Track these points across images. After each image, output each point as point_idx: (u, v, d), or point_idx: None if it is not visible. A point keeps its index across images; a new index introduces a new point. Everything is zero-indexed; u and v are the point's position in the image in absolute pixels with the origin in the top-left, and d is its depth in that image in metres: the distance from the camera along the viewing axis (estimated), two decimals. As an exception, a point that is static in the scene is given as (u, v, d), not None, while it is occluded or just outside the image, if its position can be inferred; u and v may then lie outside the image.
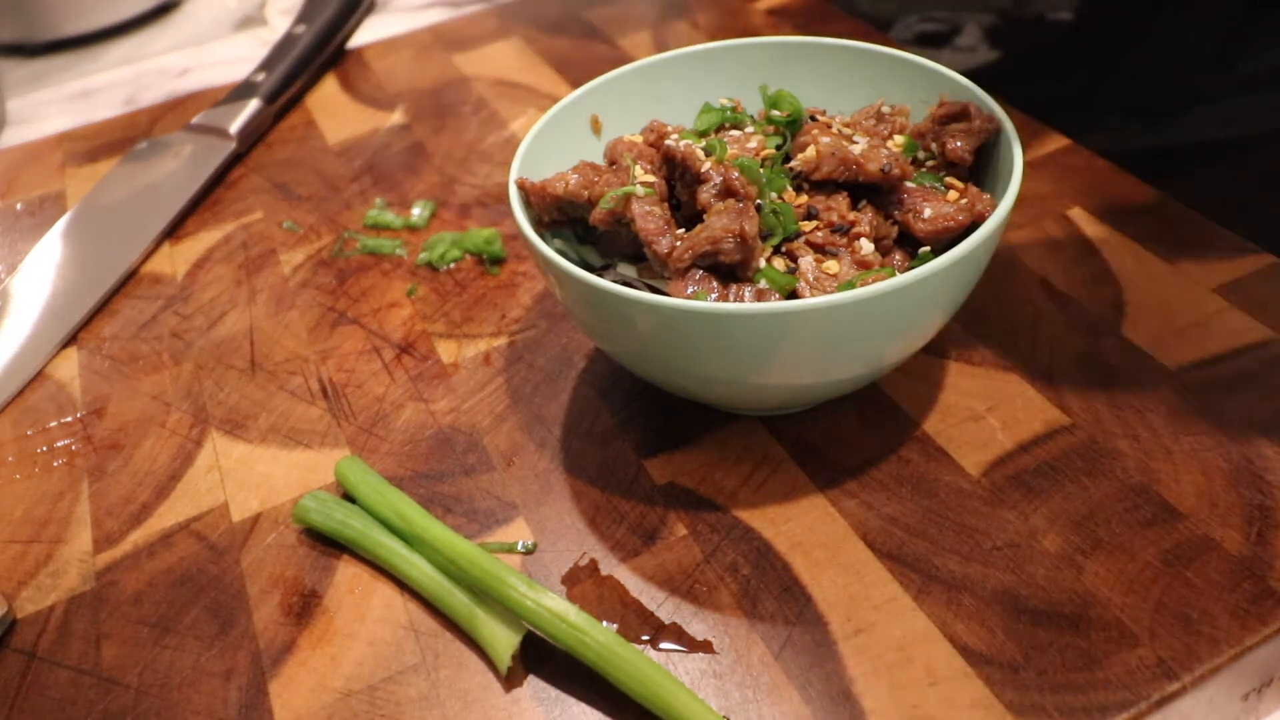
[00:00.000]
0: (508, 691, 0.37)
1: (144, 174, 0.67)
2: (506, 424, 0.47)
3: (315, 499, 0.43)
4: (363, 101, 0.75)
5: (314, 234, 0.61)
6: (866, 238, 0.41)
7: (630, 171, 0.44)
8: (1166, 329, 0.47)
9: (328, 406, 0.49)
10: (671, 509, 0.42)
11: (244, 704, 0.37)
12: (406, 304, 0.55)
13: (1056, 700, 0.34)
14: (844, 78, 0.50)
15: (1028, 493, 0.41)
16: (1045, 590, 0.38)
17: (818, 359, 0.38)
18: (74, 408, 0.51)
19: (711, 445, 0.45)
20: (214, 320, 0.56)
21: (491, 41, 0.80)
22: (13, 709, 0.38)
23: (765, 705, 0.35)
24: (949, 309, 0.40)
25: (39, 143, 0.75)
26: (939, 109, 0.45)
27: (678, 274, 0.40)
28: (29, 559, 0.44)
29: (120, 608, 0.42)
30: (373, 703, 0.37)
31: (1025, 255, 0.53)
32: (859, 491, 0.42)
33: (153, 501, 0.46)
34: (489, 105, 0.72)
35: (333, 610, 0.40)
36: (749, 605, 0.38)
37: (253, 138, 0.70)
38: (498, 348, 0.52)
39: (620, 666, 0.35)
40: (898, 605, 0.38)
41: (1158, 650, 0.35)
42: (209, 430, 0.49)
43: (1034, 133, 0.61)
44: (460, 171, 0.65)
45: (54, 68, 0.90)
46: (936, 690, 0.35)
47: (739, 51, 0.51)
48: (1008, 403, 0.45)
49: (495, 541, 0.42)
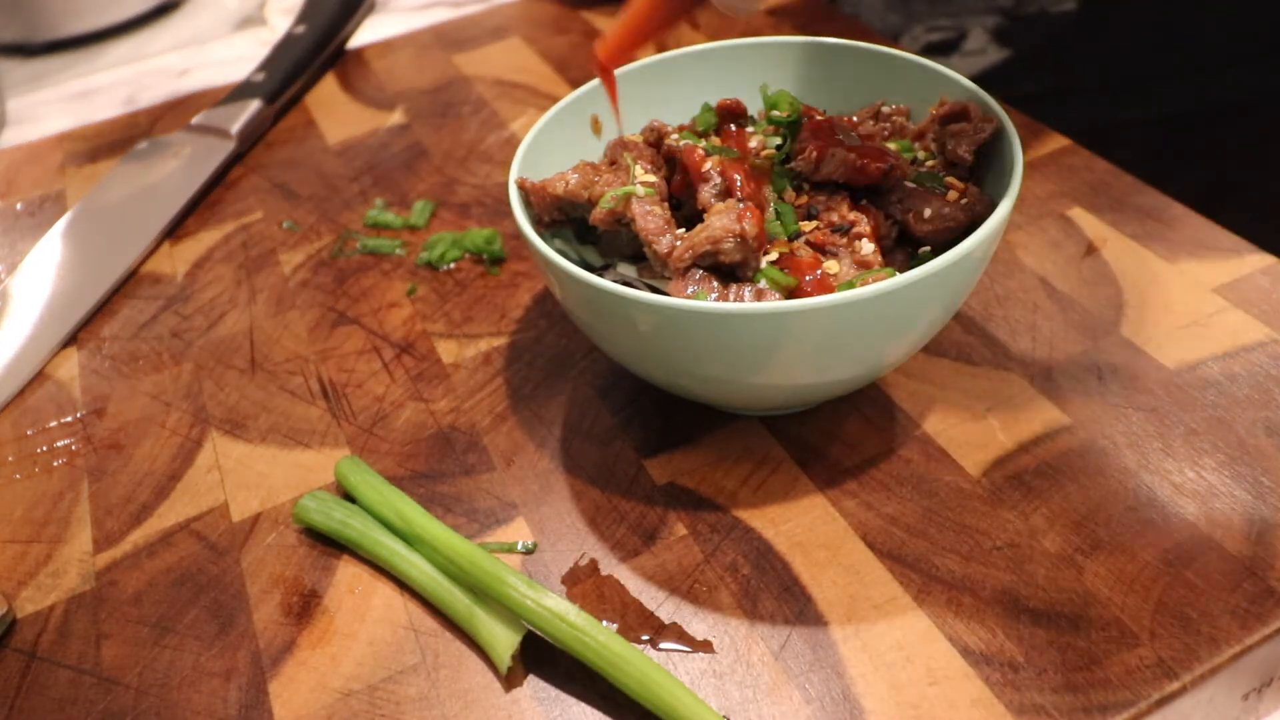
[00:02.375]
0: (508, 691, 0.37)
1: (144, 174, 0.67)
2: (506, 424, 0.47)
3: (315, 499, 0.43)
4: (363, 101, 0.75)
5: (314, 234, 0.61)
6: (866, 238, 0.41)
7: (630, 171, 0.44)
8: (1166, 329, 0.47)
9: (328, 406, 0.49)
10: (671, 509, 0.42)
11: (244, 704, 0.37)
12: (406, 304, 0.55)
13: (1056, 700, 0.34)
14: (844, 78, 0.50)
15: (1028, 493, 0.41)
16: (1045, 590, 0.38)
17: (818, 359, 0.38)
18: (74, 408, 0.51)
19: (711, 445, 0.45)
20: (214, 320, 0.56)
21: (491, 41, 0.80)
22: (13, 709, 0.38)
23: (765, 705, 0.35)
24: (949, 309, 0.40)
25: (39, 143, 0.75)
26: (939, 109, 0.45)
27: (678, 274, 0.40)
28: (29, 559, 0.44)
29: (120, 608, 0.42)
30: (372, 703, 0.37)
31: (1025, 255, 0.53)
32: (859, 491, 0.42)
33: (153, 501, 0.46)
34: (489, 105, 0.72)
35: (333, 610, 0.40)
36: (749, 605, 0.38)
37: (253, 138, 0.70)
38: (498, 348, 0.52)
39: (620, 666, 0.35)
40: (898, 605, 0.38)
41: (1158, 650, 0.35)
42: (209, 430, 0.49)
43: (1034, 133, 0.61)
44: (460, 171, 0.65)
45: (54, 68, 0.90)
46: (936, 690, 0.35)
47: (739, 51, 0.51)
48: (1008, 403, 0.45)
49: (495, 541, 0.42)
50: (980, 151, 0.44)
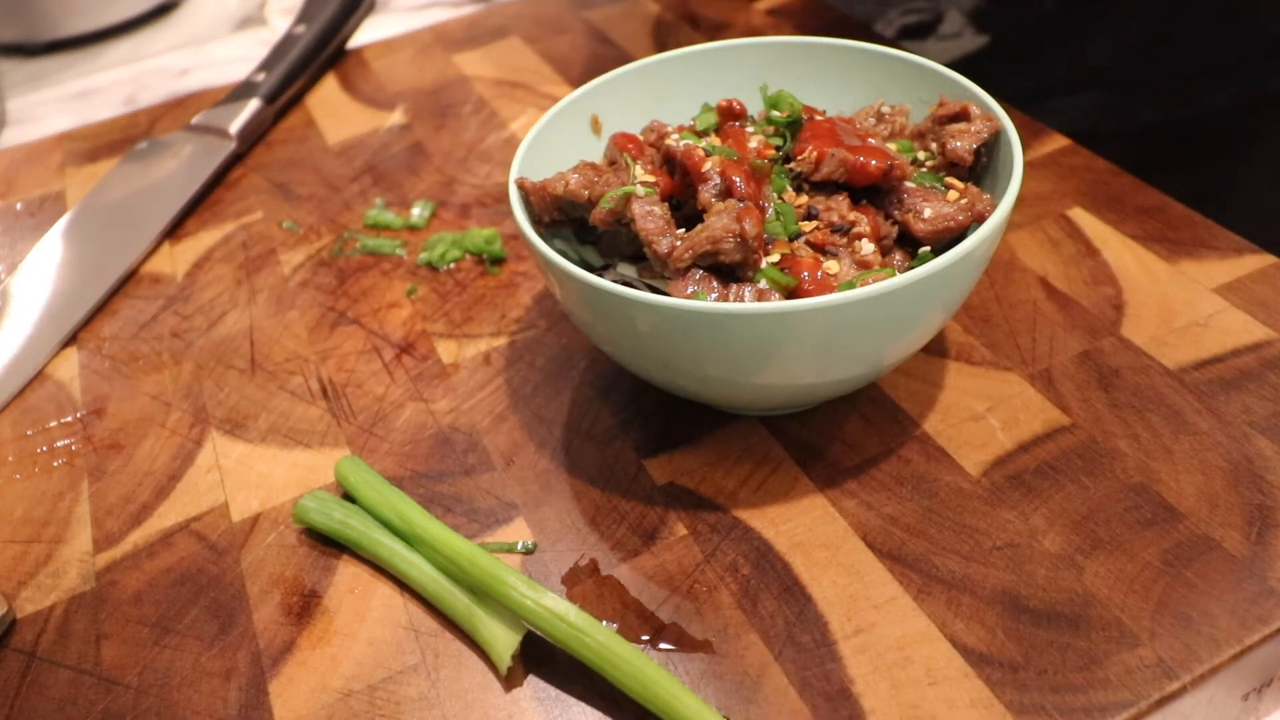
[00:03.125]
0: (508, 691, 0.37)
1: (144, 174, 0.67)
2: (506, 424, 0.47)
3: (315, 499, 0.43)
4: (363, 101, 0.75)
5: (314, 234, 0.61)
6: (867, 238, 0.41)
7: (630, 171, 0.44)
8: (1166, 329, 0.47)
9: (328, 406, 0.49)
10: (671, 509, 0.42)
11: (244, 704, 0.37)
12: (406, 304, 0.55)
13: (1056, 700, 0.34)
14: (844, 78, 0.50)
15: (1028, 493, 0.41)
16: (1045, 590, 0.38)
17: (818, 359, 0.38)
18: (74, 408, 0.51)
19: (711, 445, 0.45)
20: (214, 320, 0.56)
21: (491, 41, 0.80)
22: (13, 709, 0.38)
23: (765, 705, 0.35)
24: (949, 309, 0.40)
25: (39, 143, 0.75)
26: (939, 109, 0.45)
27: (678, 274, 0.40)
28: (29, 559, 0.44)
29: (120, 608, 0.42)
30: (372, 703, 0.37)
31: (1025, 255, 0.53)
32: (859, 491, 0.42)
33: (153, 501, 0.46)
34: (489, 105, 0.72)
35: (333, 610, 0.40)
36: (749, 605, 0.38)
37: (253, 138, 0.70)
38: (498, 348, 0.52)
39: (620, 666, 0.35)
40: (898, 605, 0.38)
41: (1158, 650, 0.35)
42: (209, 430, 0.49)
43: (1034, 133, 0.61)
44: (460, 171, 0.65)
45: (54, 68, 0.90)
46: (936, 690, 0.35)
47: (739, 51, 0.51)
48: (1008, 403, 0.45)
49: (495, 541, 0.42)
50: (980, 151, 0.44)
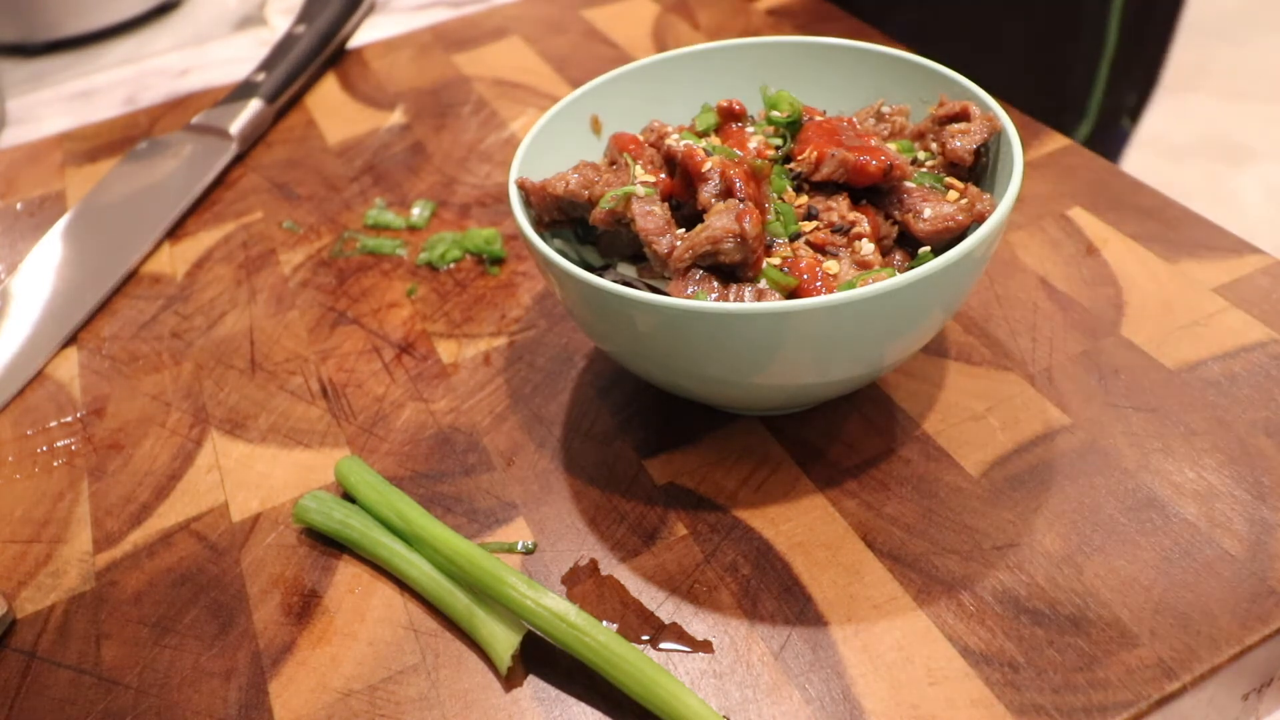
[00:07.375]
0: (508, 691, 0.37)
1: (144, 174, 0.67)
2: (506, 424, 0.47)
3: (315, 499, 0.43)
4: (363, 101, 0.75)
5: (314, 234, 0.61)
6: (867, 238, 0.41)
7: (630, 171, 0.44)
8: (1166, 329, 0.47)
9: (328, 406, 0.49)
10: (671, 509, 0.42)
11: (244, 704, 0.37)
12: (406, 304, 0.55)
13: (1056, 700, 0.34)
14: (844, 78, 0.50)
15: (1028, 493, 0.41)
16: (1045, 590, 0.38)
17: (818, 359, 0.38)
18: (74, 408, 0.51)
19: (711, 445, 0.45)
20: (214, 320, 0.56)
21: (491, 41, 0.80)
22: (13, 709, 0.38)
23: (765, 705, 0.35)
24: (949, 309, 0.40)
25: (39, 143, 0.75)
26: (939, 109, 0.45)
27: (678, 274, 0.40)
28: (29, 559, 0.44)
29: (120, 608, 0.42)
30: (372, 703, 0.37)
31: (1025, 255, 0.53)
32: (859, 491, 0.42)
33: (153, 501, 0.46)
34: (489, 105, 0.72)
35: (333, 610, 0.40)
36: (749, 605, 0.38)
37: (253, 138, 0.70)
38: (498, 348, 0.52)
39: (620, 666, 0.35)
40: (898, 605, 0.38)
41: (1158, 650, 0.35)
42: (209, 430, 0.49)
43: (1034, 133, 0.61)
44: (460, 171, 0.65)
45: (54, 68, 0.90)
46: (936, 690, 0.35)
47: (739, 51, 0.51)
48: (1008, 403, 0.45)
49: (495, 541, 0.42)
50: (980, 151, 0.44)
